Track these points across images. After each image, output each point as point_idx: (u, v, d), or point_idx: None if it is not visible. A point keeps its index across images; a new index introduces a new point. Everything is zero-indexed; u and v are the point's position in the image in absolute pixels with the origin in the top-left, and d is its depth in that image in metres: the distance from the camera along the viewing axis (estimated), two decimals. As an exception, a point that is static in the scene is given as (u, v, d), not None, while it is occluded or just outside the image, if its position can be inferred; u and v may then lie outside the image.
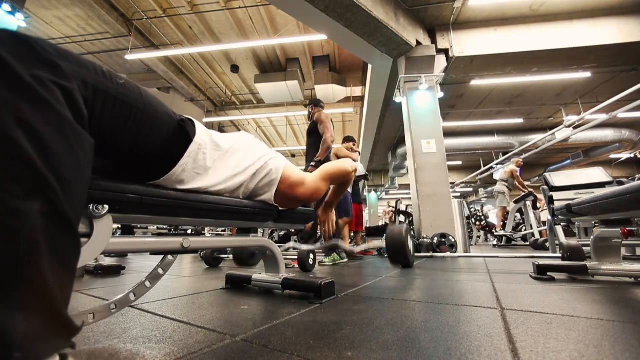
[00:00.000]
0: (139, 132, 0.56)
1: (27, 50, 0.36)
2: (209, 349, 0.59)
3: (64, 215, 0.34)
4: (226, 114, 8.67)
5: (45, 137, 0.33)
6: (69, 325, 0.34)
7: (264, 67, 7.07)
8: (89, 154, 0.40)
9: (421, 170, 4.19)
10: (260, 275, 1.23)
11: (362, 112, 7.95)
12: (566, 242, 1.81)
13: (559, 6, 4.72)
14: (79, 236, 0.37)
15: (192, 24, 5.70)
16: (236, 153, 0.84)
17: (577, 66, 5.32)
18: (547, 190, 2.36)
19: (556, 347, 0.57)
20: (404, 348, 0.58)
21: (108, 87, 0.48)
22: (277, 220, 1.06)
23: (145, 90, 0.58)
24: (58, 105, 0.36)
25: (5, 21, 3.98)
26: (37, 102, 0.33)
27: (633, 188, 1.04)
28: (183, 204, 0.70)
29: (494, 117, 8.27)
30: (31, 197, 0.31)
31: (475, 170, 10.59)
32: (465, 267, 2.12)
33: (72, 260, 0.37)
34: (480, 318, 0.79)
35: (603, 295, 1.06)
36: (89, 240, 0.53)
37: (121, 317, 0.84)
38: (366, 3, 3.72)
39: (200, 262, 2.83)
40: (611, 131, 8.43)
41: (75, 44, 6.20)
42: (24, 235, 0.30)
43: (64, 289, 0.34)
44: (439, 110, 4.51)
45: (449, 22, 4.82)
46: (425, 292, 1.17)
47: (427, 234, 3.66)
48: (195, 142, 0.68)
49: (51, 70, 0.37)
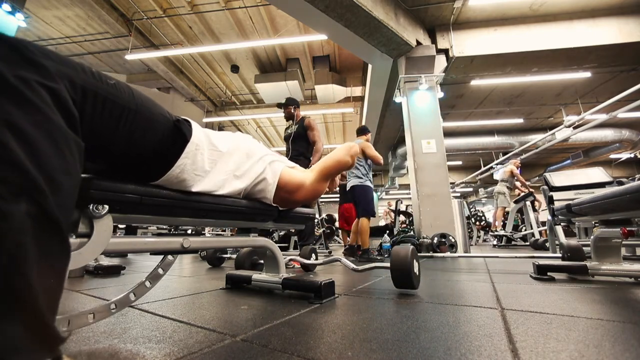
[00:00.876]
0: (132, 133, 0.55)
1: (10, 50, 0.35)
2: (209, 349, 0.59)
3: (52, 218, 0.33)
4: (226, 114, 8.67)
5: (32, 139, 0.32)
6: (54, 335, 0.32)
7: (264, 67, 7.07)
8: (78, 156, 0.39)
9: (421, 170, 4.19)
10: (260, 275, 1.23)
11: (362, 112, 7.94)
12: (566, 242, 1.81)
13: (559, 6, 4.72)
14: (69, 240, 0.36)
15: (192, 24, 5.70)
16: (234, 155, 0.83)
17: (577, 66, 5.32)
18: (547, 190, 2.36)
19: (556, 347, 0.57)
20: (404, 348, 0.58)
21: (98, 88, 0.47)
22: (277, 220, 1.06)
23: (138, 91, 0.57)
24: (45, 107, 0.35)
25: (6, 21, 3.98)
26: (23, 104, 0.33)
27: (633, 188, 1.04)
28: (183, 204, 0.70)
29: (494, 117, 8.27)
30: (17, 199, 0.30)
31: (475, 170, 10.59)
32: (465, 267, 2.12)
33: (61, 265, 0.35)
34: (480, 318, 0.79)
35: (603, 295, 1.06)
36: (89, 240, 0.53)
37: (121, 317, 0.84)
38: (366, 3, 3.72)
39: (201, 262, 2.83)
40: (611, 131, 8.42)
41: (75, 44, 6.20)
42: (10, 238, 0.29)
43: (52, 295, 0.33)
44: (439, 110, 4.51)
45: (449, 22, 4.82)
46: (425, 292, 1.17)
47: (427, 234, 3.66)
48: (192, 142, 0.68)
49: (36, 70, 0.36)
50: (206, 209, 0.76)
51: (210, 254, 2.40)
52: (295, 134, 2.90)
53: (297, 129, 2.90)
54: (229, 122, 9.40)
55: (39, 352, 0.30)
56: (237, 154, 0.84)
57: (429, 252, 3.09)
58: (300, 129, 2.89)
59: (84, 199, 0.52)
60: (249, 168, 0.87)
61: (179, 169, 0.66)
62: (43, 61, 0.37)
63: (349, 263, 1.41)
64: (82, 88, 0.44)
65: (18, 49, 0.35)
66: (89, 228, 0.54)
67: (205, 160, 0.73)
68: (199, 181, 0.72)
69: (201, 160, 0.71)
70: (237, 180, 0.84)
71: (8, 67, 0.33)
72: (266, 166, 0.92)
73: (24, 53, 0.36)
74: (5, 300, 0.28)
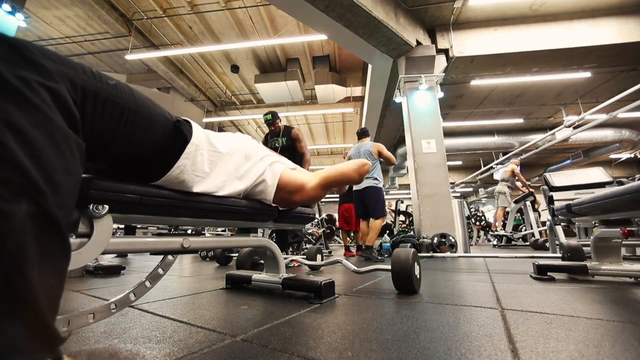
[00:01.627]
0: (132, 133, 0.55)
1: (10, 50, 0.35)
2: (209, 349, 0.59)
3: (52, 218, 0.33)
4: (226, 114, 8.67)
5: (33, 139, 0.32)
6: (54, 335, 0.32)
7: (264, 67, 7.07)
8: (79, 156, 0.39)
9: (421, 170, 4.19)
10: (260, 275, 1.23)
11: (362, 112, 7.94)
12: (566, 242, 1.81)
13: (559, 6, 4.72)
14: (69, 240, 0.36)
15: (192, 24, 5.70)
16: (233, 156, 0.83)
17: (577, 66, 5.32)
18: (547, 190, 2.36)
19: (556, 347, 0.57)
20: (404, 348, 0.58)
21: (98, 88, 0.47)
22: (277, 220, 1.06)
23: (138, 91, 0.57)
24: (45, 107, 0.35)
25: (6, 21, 3.98)
26: (23, 104, 0.33)
27: (633, 188, 1.04)
28: (183, 204, 0.70)
29: (494, 117, 8.26)
30: (17, 199, 0.30)
31: (475, 170, 10.59)
32: (465, 267, 2.12)
33: (61, 265, 0.35)
34: (480, 318, 0.79)
35: (603, 295, 1.06)
36: (89, 240, 0.53)
37: (121, 317, 0.84)
38: (366, 3, 3.72)
39: (201, 262, 2.83)
40: (611, 131, 8.42)
41: (75, 44, 6.20)
42: (10, 238, 0.29)
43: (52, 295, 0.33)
44: (439, 110, 4.51)
45: (449, 22, 4.82)
46: (425, 292, 1.17)
47: (427, 234, 3.66)
48: (192, 143, 0.68)
49: (36, 70, 0.36)
50: (206, 209, 0.76)
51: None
52: (284, 147, 2.92)
53: (286, 142, 2.92)
54: (229, 122, 9.40)
55: (39, 352, 0.30)
56: (236, 155, 0.84)
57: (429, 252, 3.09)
58: (289, 141, 2.91)
59: (84, 199, 0.52)
60: (248, 169, 0.87)
61: (179, 169, 0.66)
62: (43, 61, 0.37)
63: (350, 265, 1.41)
64: (82, 88, 0.44)
65: (18, 49, 0.35)
66: (89, 228, 0.54)
67: (205, 161, 0.73)
68: (199, 182, 0.72)
69: (201, 161, 0.71)
70: (237, 181, 0.84)
71: (8, 67, 0.33)
72: (266, 167, 0.92)
73: (23, 53, 0.36)
74: (6, 300, 0.28)
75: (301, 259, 1.96)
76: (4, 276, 0.28)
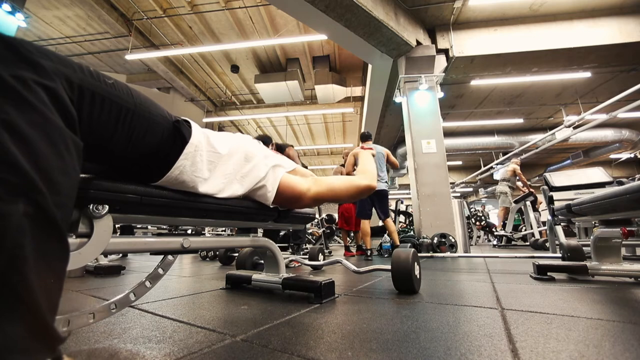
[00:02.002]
0: (131, 133, 0.54)
1: (7, 50, 0.34)
2: (209, 349, 0.59)
3: (51, 218, 0.33)
4: (226, 114, 8.67)
5: (30, 139, 0.32)
6: (54, 335, 0.32)
7: (264, 67, 7.07)
8: (77, 155, 0.39)
9: (421, 170, 4.19)
10: (260, 275, 1.23)
11: (362, 112, 7.95)
12: (566, 242, 1.80)
13: (559, 6, 4.72)
14: (68, 240, 0.36)
15: (192, 24, 5.70)
16: (233, 157, 0.82)
17: (577, 66, 5.32)
18: (547, 190, 2.36)
19: (556, 347, 0.57)
20: (404, 348, 0.58)
21: (95, 87, 0.47)
22: (277, 220, 1.06)
23: (137, 91, 0.57)
24: (42, 106, 0.35)
25: (5, 21, 3.98)
26: (20, 104, 0.32)
27: (633, 188, 1.03)
28: (183, 204, 0.70)
29: (494, 117, 8.26)
30: (15, 199, 0.29)
31: (475, 170, 10.58)
32: (465, 267, 2.12)
33: (60, 265, 0.35)
34: (480, 318, 0.79)
35: (603, 295, 1.06)
36: (89, 240, 0.53)
37: (121, 317, 0.84)
38: (366, 3, 3.72)
39: (201, 262, 2.83)
40: (611, 131, 8.42)
41: (75, 44, 6.21)
42: (8, 238, 0.28)
43: (51, 295, 0.33)
44: (439, 110, 4.51)
45: (449, 22, 4.82)
46: (425, 292, 1.17)
47: (427, 234, 3.66)
48: (191, 144, 0.67)
49: (33, 69, 0.36)
50: (206, 209, 0.76)
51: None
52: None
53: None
54: (229, 122, 9.41)
55: (39, 352, 0.30)
56: (236, 156, 0.83)
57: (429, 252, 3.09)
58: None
59: (83, 199, 0.52)
60: (248, 171, 0.86)
61: (178, 170, 0.66)
62: (40, 60, 0.37)
63: (350, 265, 1.41)
64: (80, 87, 0.43)
65: (14, 48, 0.35)
66: (88, 228, 0.53)
67: (204, 162, 0.72)
68: (199, 184, 0.72)
69: (200, 162, 0.71)
70: (237, 184, 0.83)
71: (4, 66, 0.33)
72: (268, 171, 0.90)
73: (20, 52, 0.35)
74: (5, 300, 0.28)
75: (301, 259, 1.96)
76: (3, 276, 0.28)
